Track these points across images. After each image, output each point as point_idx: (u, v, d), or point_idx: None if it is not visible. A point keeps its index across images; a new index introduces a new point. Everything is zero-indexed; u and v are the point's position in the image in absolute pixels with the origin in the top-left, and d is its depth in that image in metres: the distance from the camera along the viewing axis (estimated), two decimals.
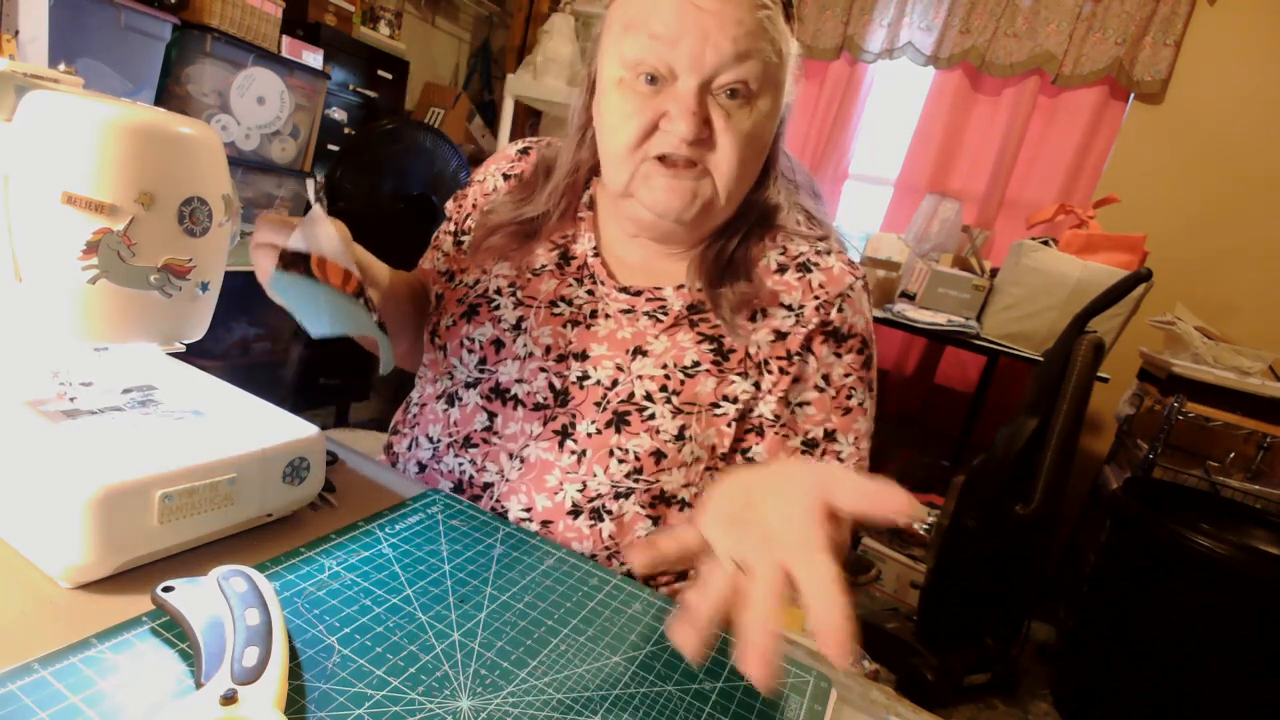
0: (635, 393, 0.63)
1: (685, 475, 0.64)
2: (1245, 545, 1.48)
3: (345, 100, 2.25)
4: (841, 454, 0.66)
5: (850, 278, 0.68)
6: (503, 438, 0.66)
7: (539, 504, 0.63)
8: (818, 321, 0.66)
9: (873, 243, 2.53)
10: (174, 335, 0.49)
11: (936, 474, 2.31)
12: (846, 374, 0.67)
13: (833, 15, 2.75)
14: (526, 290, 0.69)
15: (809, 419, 0.66)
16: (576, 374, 0.65)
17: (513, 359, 0.67)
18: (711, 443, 0.64)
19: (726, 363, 0.64)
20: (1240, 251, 2.23)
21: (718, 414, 0.63)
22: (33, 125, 0.42)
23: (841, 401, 0.66)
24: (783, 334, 0.65)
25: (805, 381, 0.66)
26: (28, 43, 1.23)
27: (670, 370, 0.64)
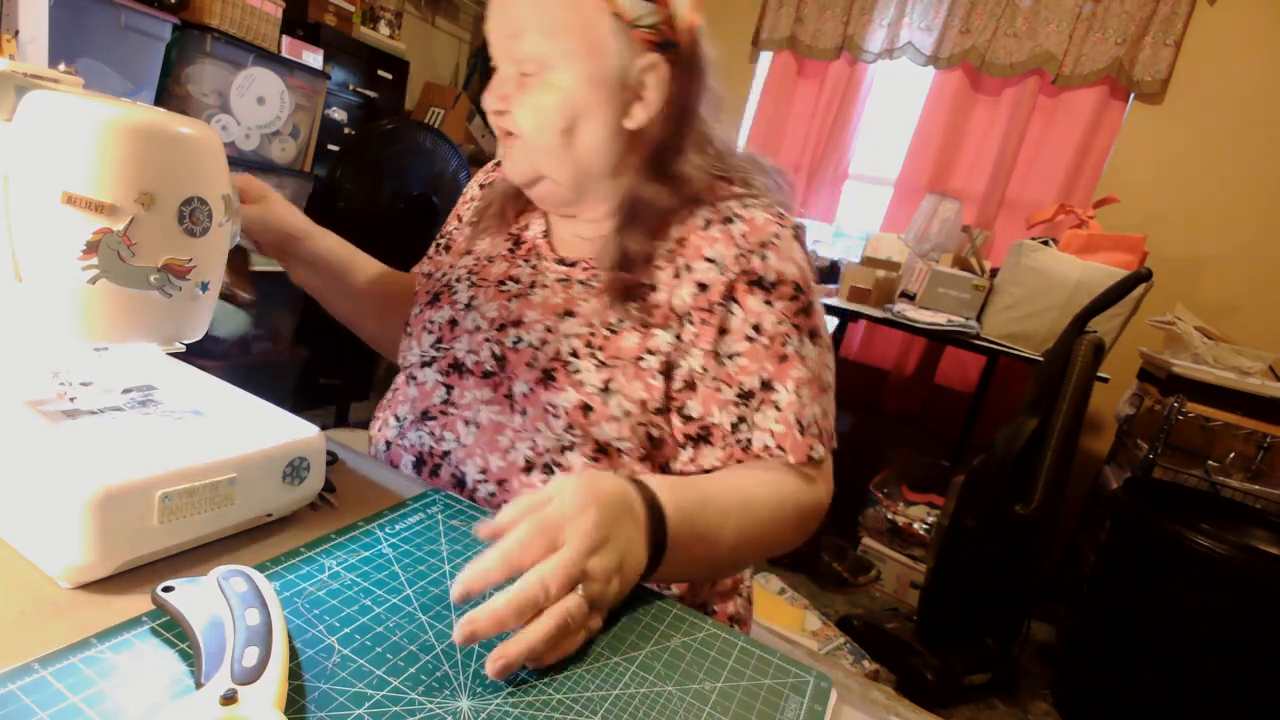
0: (561, 350, 0.66)
1: (617, 429, 0.64)
2: (1245, 545, 1.48)
3: (345, 100, 2.25)
4: (780, 402, 0.64)
5: (775, 226, 0.68)
6: (459, 407, 0.69)
7: (493, 464, 0.66)
8: (739, 270, 0.66)
9: (873, 243, 2.53)
10: (174, 335, 0.49)
11: (936, 474, 2.31)
12: (780, 321, 0.66)
13: (833, 15, 2.75)
14: (480, 274, 0.75)
15: (742, 370, 0.65)
16: (512, 339, 0.68)
17: (465, 334, 0.71)
18: (640, 396, 0.64)
19: (651, 318, 0.66)
20: (1240, 251, 2.23)
21: (643, 367, 0.65)
22: (33, 125, 0.42)
23: (776, 350, 0.65)
24: (705, 286, 0.66)
25: (733, 333, 0.66)
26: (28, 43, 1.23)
27: (595, 328, 0.66)
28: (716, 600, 0.73)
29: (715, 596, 0.73)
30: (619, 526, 0.47)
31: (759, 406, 0.65)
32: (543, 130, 0.66)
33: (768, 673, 0.45)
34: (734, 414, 0.65)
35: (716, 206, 0.70)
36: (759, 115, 3.00)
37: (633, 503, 0.49)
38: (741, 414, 0.65)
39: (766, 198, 0.72)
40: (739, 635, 0.48)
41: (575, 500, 0.45)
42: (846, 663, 1.64)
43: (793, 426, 0.64)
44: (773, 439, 0.64)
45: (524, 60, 0.65)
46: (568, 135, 0.67)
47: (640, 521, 0.50)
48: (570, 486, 0.46)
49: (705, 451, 0.66)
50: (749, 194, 0.71)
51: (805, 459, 0.64)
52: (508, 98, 0.67)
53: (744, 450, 0.64)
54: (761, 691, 0.43)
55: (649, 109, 0.67)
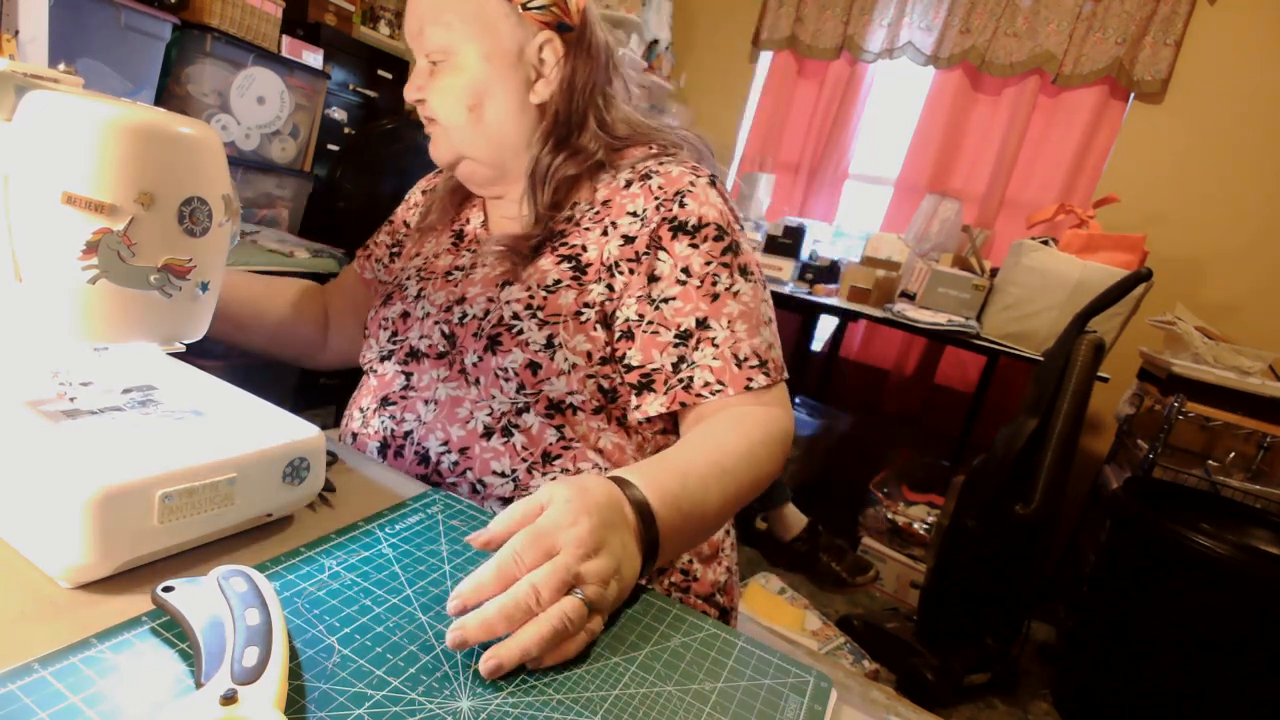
0: (504, 315, 0.69)
1: (566, 383, 0.68)
2: (1245, 545, 1.48)
3: (345, 100, 2.25)
4: (716, 339, 0.67)
5: (690, 176, 0.72)
6: (418, 390, 0.73)
7: (454, 435, 0.69)
8: (659, 219, 0.70)
9: (873, 242, 2.53)
10: (174, 335, 0.49)
11: (936, 474, 2.31)
12: (707, 262, 0.69)
13: (833, 15, 2.75)
14: (427, 269, 0.80)
15: (678, 312, 0.68)
16: (458, 316, 0.73)
17: (416, 322, 0.76)
18: (585, 349, 0.68)
19: (585, 275, 0.70)
20: (1240, 251, 2.23)
21: (582, 321, 0.69)
22: (33, 125, 0.42)
23: (708, 289, 0.68)
24: (630, 238, 0.70)
25: (664, 279, 0.69)
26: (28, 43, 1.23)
27: (534, 290, 0.70)
28: (699, 566, 0.74)
29: (697, 562, 0.74)
30: (612, 531, 0.47)
31: (697, 345, 0.67)
32: (453, 110, 0.72)
33: (768, 673, 0.45)
34: (673, 355, 0.68)
35: (635, 167, 0.75)
36: (759, 115, 3.00)
37: (621, 505, 0.50)
38: (681, 354, 0.67)
39: (680, 154, 0.77)
40: (739, 635, 0.48)
41: (568, 509, 0.46)
42: (846, 663, 1.64)
43: (729, 361, 0.67)
44: (711, 375, 0.66)
45: (432, 51, 0.71)
46: (476, 112, 0.72)
47: (631, 524, 0.50)
48: (562, 495, 0.47)
49: (649, 398, 0.68)
50: (664, 153, 0.76)
51: (744, 390, 0.66)
52: (422, 87, 0.73)
53: (685, 389, 0.67)
54: (761, 691, 0.43)
55: (550, 84, 0.73)
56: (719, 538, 0.77)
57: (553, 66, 0.72)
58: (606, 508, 0.48)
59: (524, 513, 0.46)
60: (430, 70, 0.73)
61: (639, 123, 0.80)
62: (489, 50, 0.71)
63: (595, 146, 0.75)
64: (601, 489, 0.49)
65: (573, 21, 0.72)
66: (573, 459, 0.69)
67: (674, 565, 0.73)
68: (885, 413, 2.79)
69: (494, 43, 0.71)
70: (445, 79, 0.72)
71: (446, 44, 0.71)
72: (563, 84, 0.73)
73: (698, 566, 0.74)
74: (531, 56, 0.72)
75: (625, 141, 0.77)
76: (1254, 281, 2.21)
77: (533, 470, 0.68)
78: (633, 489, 0.52)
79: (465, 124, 0.73)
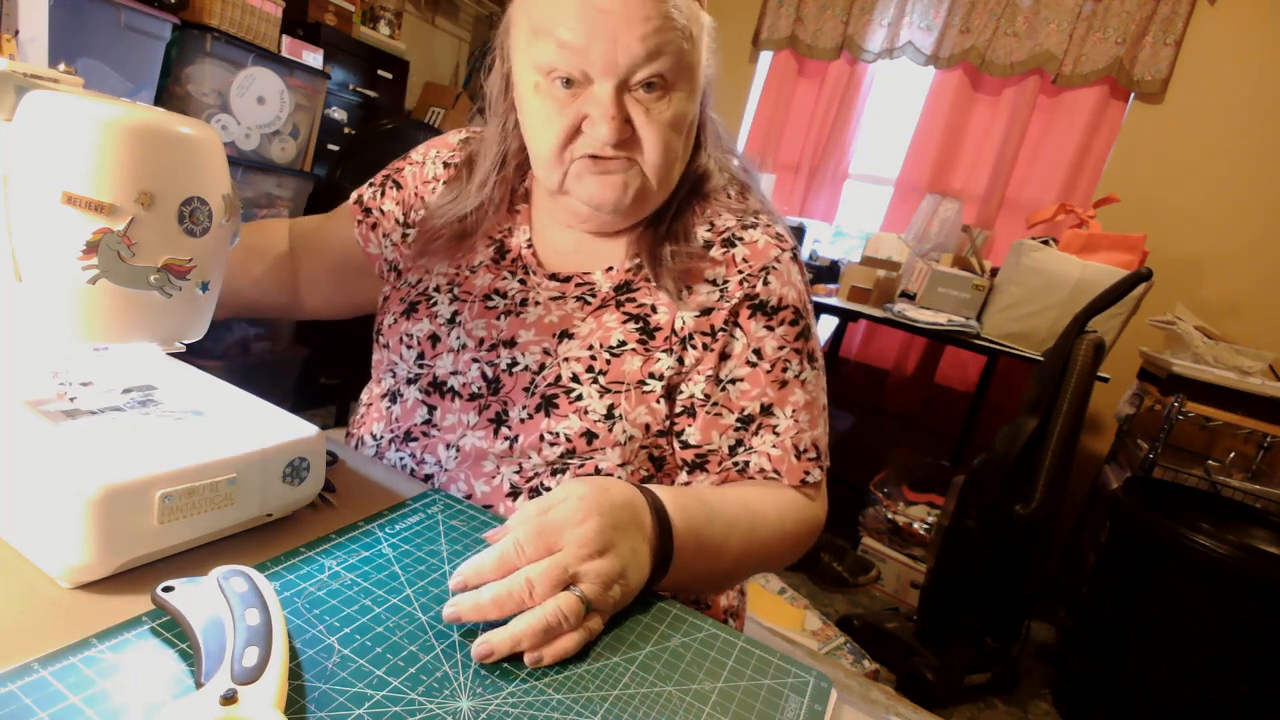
0: (562, 375, 0.63)
1: (620, 455, 0.63)
2: (1245, 545, 1.48)
3: (345, 100, 2.25)
4: (778, 427, 0.65)
5: (776, 249, 0.68)
6: (441, 429, 0.67)
7: (478, 490, 0.64)
8: (742, 295, 0.65)
9: (873, 242, 2.53)
10: (174, 335, 0.49)
11: (936, 474, 2.31)
12: (780, 346, 0.66)
13: (833, 15, 2.75)
14: (464, 286, 0.71)
15: (744, 395, 0.65)
16: (506, 361, 0.66)
17: (448, 352, 0.68)
18: (644, 421, 0.63)
19: (652, 340, 0.64)
20: (1240, 251, 2.23)
21: (646, 391, 0.63)
22: (33, 125, 0.42)
23: (777, 375, 0.65)
24: (707, 310, 0.65)
25: (735, 358, 0.65)
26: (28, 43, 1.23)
27: (596, 351, 0.64)
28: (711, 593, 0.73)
29: None
30: (623, 534, 0.47)
31: (758, 431, 0.65)
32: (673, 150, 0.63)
33: (768, 673, 0.45)
34: (732, 438, 0.65)
35: (715, 225, 0.69)
36: (759, 115, 3.00)
37: (639, 510, 0.50)
38: (740, 438, 0.65)
39: (763, 215, 0.71)
40: (739, 635, 0.48)
41: (579, 507, 0.46)
42: (846, 663, 1.64)
43: (789, 451, 0.64)
44: (769, 463, 0.64)
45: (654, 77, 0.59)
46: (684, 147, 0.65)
47: (646, 531, 0.50)
48: (577, 493, 0.47)
49: (700, 477, 0.66)
50: (746, 211, 0.71)
51: (800, 483, 0.65)
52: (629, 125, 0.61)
53: (739, 473, 0.65)
54: (761, 691, 0.43)
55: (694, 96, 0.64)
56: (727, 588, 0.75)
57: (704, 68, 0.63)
58: (621, 509, 0.48)
59: (539, 509, 0.46)
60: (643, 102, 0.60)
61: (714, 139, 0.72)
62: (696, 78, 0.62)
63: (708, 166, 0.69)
64: (621, 491, 0.49)
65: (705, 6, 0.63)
66: None
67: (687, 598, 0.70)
68: (885, 413, 2.79)
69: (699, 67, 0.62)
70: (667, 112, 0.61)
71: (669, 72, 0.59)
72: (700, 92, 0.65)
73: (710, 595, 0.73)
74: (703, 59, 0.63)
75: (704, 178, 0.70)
76: (1254, 281, 2.21)
77: None
78: (654, 497, 0.52)
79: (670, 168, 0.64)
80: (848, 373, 2.87)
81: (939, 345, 2.62)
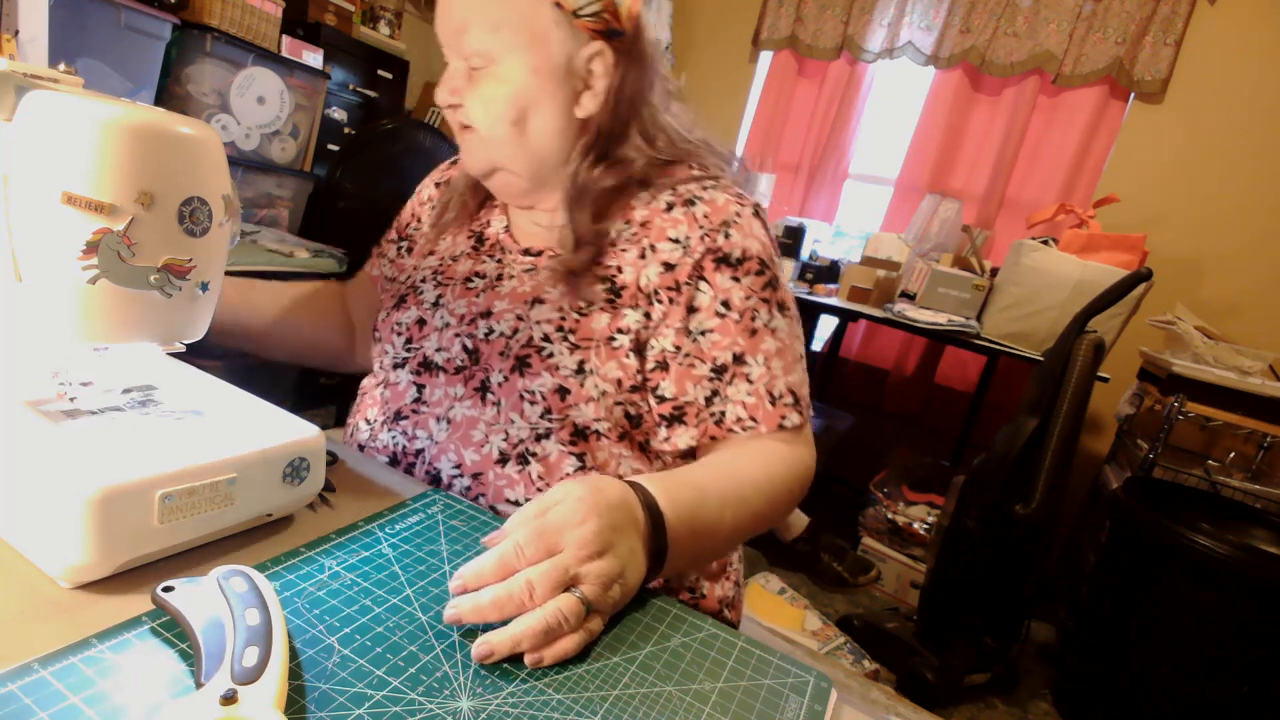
0: (534, 336, 0.67)
1: (595, 410, 0.66)
2: (1245, 545, 1.48)
3: (345, 100, 2.25)
4: (751, 375, 0.66)
5: (736, 205, 0.70)
6: (430, 405, 0.70)
7: (467, 459, 0.67)
8: (704, 249, 0.68)
9: (873, 242, 2.53)
10: (174, 335, 0.49)
11: (936, 474, 2.31)
12: (748, 296, 0.68)
13: (833, 15, 2.75)
14: (446, 274, 0.76)
15: (715, 345, 0.67)
16: (483, 331, 0.69)
17: (434, 332, 0.72)
18: (615, 376, 0.66)
19: (619, 299, 0.68)
20: (1240, 251, 2.23)
21: (615, 347, 0.66)
22: (33, 125, 0.42)
23: (747, 324, 0.67)
24: (671, 265, 0.68)
25: (704, 310, 0.67)
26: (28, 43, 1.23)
27: (565, 312, 0.67)
28: (706, 583, 0.74)
29: (704, 579, 0.74)
30: (621, 534, 0.47)
31: (731, 380, 0.66)
32: (495, 122, 0.68)
33: (768, 673, 0.45)
34: (707, 389, 0.66)
35: (677, 190, 0.72)
36: (759, 115, 3.00)
37: (634, 509, 0.50)
38: (715, 388, 0.66)
39: (724, 179, 0.74)
40: (739, 635, 0.48)
41: (577, 508, 0.46)
42: (846, 663, 1.64)
43: (764, 398, 0.66)
44: (745, 410, 0.66)
45: (471, 55, 0.66)
46: (519, 126, 0.68)
47: (641, 529, 0.50)
48: (575, 494, 0.47)
49: (680, 430, 0.67)
50: (707, 176, 0.74)
51: (777, 428, 0.66)
52: (459, 91, 0.68)
53: (717, 424, 0.66)
54: (761, 691, 0.43)
55: (597, 97, 0.69)
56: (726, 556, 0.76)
57: (600, 78, 0.68)
58: (618, 509, 0.48)
59: (537, 511, 0.47)
60: (468, 74, 0.67)
61: (679, 137, 0.76)
62: (537, 63, 0.66)
63: (637, 159, 0.71)
64: (616, 490, 0.49)
65: (623, 27, 0.68)
66: None
67: (682, 584, 0.72)
68: (885, 413, 2.79)
69: (543, 55, 0.65)
70: (487, 87, 0.67)
71: (491, 50, 0.65)
72: (609, 95, 0.69)
73: (705, 584, 0.73)
74: (580, 68, 0.67)
75: (665, 155, 0.74)
76: (1254, 282, 2.21)
77: None
78: (647, 494, 0.52)
79: (506, 137, 0.68)
80: (848, 373, 2.87)
81: (939, 345, 2.61)
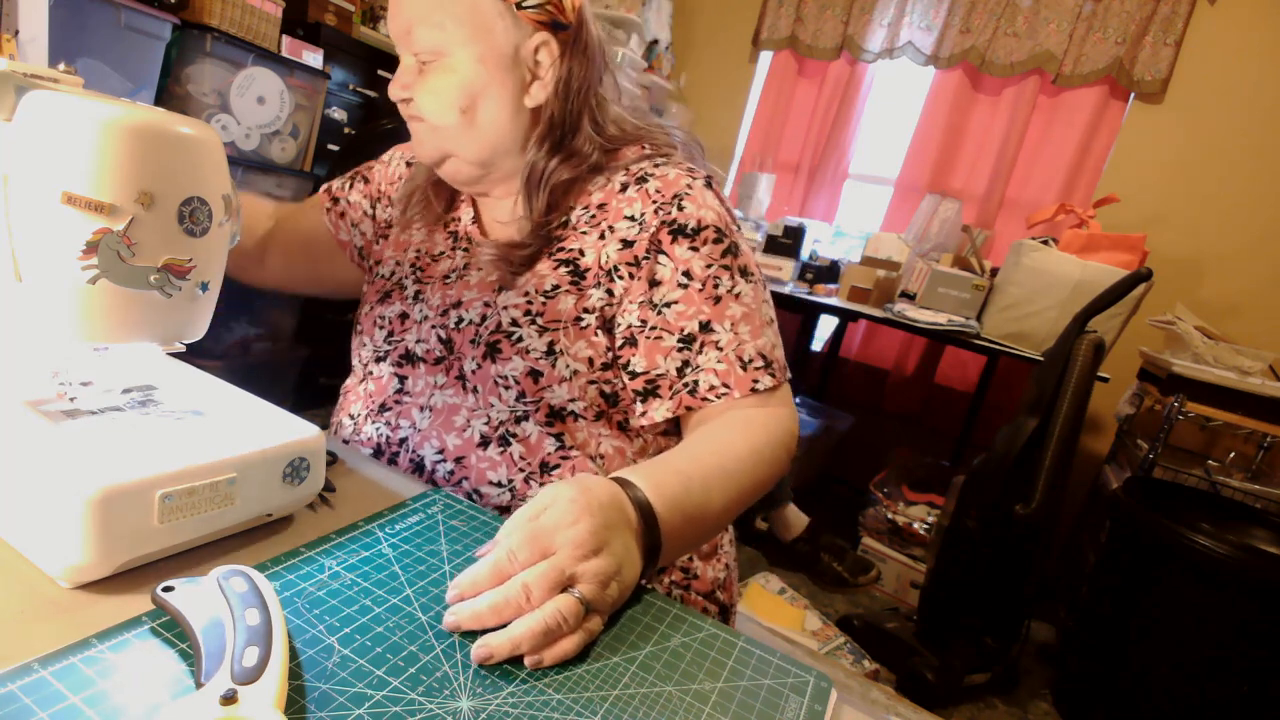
0: (502, 321, 0.69)
1: (568, 390, 0.68)
2: (1245, 545, 1.48)
3: (345, 100, 2.25)
4: (720, 342, 0.67)
5: (686, 179, 0.71)
6: (412, 395, 0.72)
7: (450, 444, 0.69)
8: (659, 223, 0.69)
9: (873, 242, 2.53)
10: (174, 335, 0.49)
11: (936, 474, 2.31)
12: (708, 265, 0.68)
13: (833, 15, 2.75)
14: (426, 271, 0.78)
15: (681, 315, 0.67)
16: (454, 320, 0.72)
17: (414, 325, 0.75)
18: (586, 355, 0.68)
19: (583, 280, 0.69)
20: (1240, 251, 2.23)
21: (583, 327, 0.68)
22: (33, 125, 0.42)
23: (710, 292, 0.68)
24: (629, 242, 0.69)
25: (665, 283, 0.68)
26: (28, 43, 1.23)
27: (532, 296, 0.69)
28: (699, 563, 0.74)
29: (697, 559, 0.75)
30: (614, 532, 0.47)
31: (701, 349, 0.67)
32: (443, 111, 0.69)
33: (768, 673, 0.45)
34: (678, 359, 0.67)
35: (629, 169, 0.73)
36: (759, 115, 3.00)
37: (625, 507, 0.50)
38: (685, 358, 0.67)
39: (675, 155, 0.76)
40: (739, 635, 0.48)
41: (569, 509, 0.46)
42: (846, 663, 1.64)
43: (734, 363, 0.67)
44: (717, 378, 0.66)
45: (421, 51, 0.68)
46: (469, 114, 0.69)
47: (634, 526, 0.50)
48: (565, 496, 0.47)
49: (655, 404, 0.68)
50: (658, 154, 0.75)
51: (750, 392, 0.66)
52: (409, 85, 0.70)
53: (691, 394, 0.67)
54: (761, 691, 0.43)
55: (546, 87, 0.70)
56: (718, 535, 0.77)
57: (548, 68, 0.70)
58: (609, 508, 0.48)
59: (529, 516, 0.47)
60: (419, 69, 0.69)
61: (629, 122, 0.78)
62: (483, 52, 0.68)
63: (590, 149, 0.73)
64: (604, 490, 0.49)
65: (568, 20, 0.70)
66: (571, 468, 0.68)
67: (674, 564, 0.73)
68: (885, 413, 2.79)
69: (488, 45, 0.67)
70: (435, 79, 0.69)
71: (437, 44, 0.67)
72: (558, 86, 0.71)
73: (698, 564, 0.74)
74: (527, 58, 0.69)
75: (617, 143, 0.76)
76: (1254, 282, 2.21)
77: (530, 480, 0.68)
78: (635, 490, 0.52)
79: (456, 125, 0.70)
80: (848, 373, 2.87)
81: (939, 345, 2.62)
